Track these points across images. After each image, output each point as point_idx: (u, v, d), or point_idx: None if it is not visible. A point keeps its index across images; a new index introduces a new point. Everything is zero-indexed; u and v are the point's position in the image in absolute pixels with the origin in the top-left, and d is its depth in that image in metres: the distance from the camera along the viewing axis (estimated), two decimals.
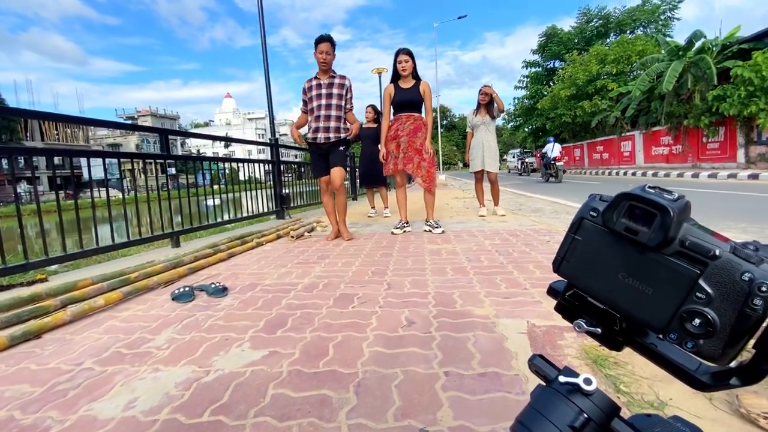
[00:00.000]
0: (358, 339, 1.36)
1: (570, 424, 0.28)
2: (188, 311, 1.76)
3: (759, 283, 0.26)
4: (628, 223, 0.31)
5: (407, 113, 3.57)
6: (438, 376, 1.09)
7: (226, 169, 4.74)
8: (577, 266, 0.35)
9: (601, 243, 0.33)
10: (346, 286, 2.01)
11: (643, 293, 0.31)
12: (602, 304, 0.34)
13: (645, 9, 24.12)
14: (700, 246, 0.28)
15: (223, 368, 1.20)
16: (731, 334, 0.27)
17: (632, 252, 0.31)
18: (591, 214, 0.34)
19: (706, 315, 0.27)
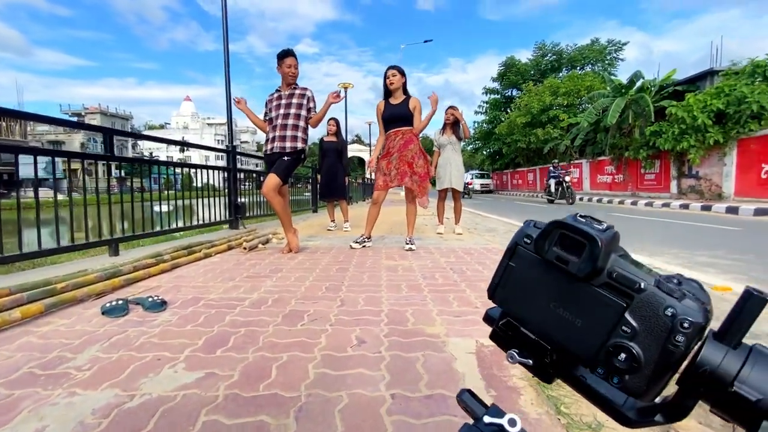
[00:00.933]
0: (305, 359, 1.30)
1: None
2: (119, 327, 1.61)
3: (681, 319, 0.25)
4: (560, 252, 0.30)
5: (395, 129, 3.55)
6: (384, 399, 1.06)
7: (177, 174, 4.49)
8: (511, 294, 0.34)
9: (534, 271, 0.32)
10: (297, 302, 1.93)
11: (573, 324, 0.30)
12: (534, 334, 0.33)
13: (594, 48, 26.21)
14: (626, 278, 0.28)
15: (150, 392, 1.10)
16: (655, 370, 0.26)
17: (563, 281, 0.30)
18: (525, 241, 0.33)
19: (631, 350, 0.27)
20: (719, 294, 2.43)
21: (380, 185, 3.59)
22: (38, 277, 2.26)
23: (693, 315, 0.25)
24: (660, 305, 0.26)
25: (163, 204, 3.98)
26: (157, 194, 3.97)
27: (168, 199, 4.06)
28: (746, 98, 9.84)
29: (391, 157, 3.54)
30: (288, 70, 3.25)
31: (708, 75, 13.23)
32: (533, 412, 1.00)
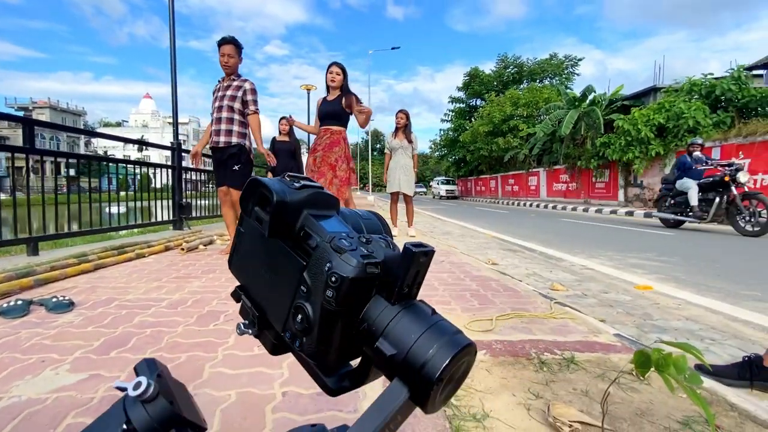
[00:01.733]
0: (204, 359, 1.24)
1: None
2: (12, 328, 1.48)
3: (330, 274, 0.24)
4: (258, 212, 0.29)
5: (326, 126, 3.50)
6: (274, 396, 1.02)
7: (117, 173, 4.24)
8: (240, 261, 0.32)
9: (252, 235, 0.31)
10: (218, 303, 1.86)
11: (273, 288, 0.29)
12: (250, 302, 0.31)
13: (552, 62, 27.49)
14: (307, 235, 0.27)
15: (20, 395, 1.01)
16: (319, 330, 0.25)
17: (265, 244, 0.29)
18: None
19: (305, 309, 0.26)
20: (640, 292, 2.58)
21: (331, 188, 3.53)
22: None
23: (341, 269, 0.24)
24: (324, 261, 0.25)
25: (103, 203, 3.74)
26: (91, 192, 3.73)
27: (109, 198, 3.82)
28: (683, 114, 10.61)
29: (316, 155, 3.52)
30: (222, 59, 3.01)
31: (652, 91, 14.18)
32: None
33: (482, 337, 1.48)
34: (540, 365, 1.27)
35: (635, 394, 1.12)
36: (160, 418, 0.23)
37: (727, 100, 10.65)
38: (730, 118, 10.50)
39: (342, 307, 0.24)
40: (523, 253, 4.10)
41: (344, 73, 3.48)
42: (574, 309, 1.92)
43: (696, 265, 3.59)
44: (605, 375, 1.22)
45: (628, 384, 1.17)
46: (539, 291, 2.29)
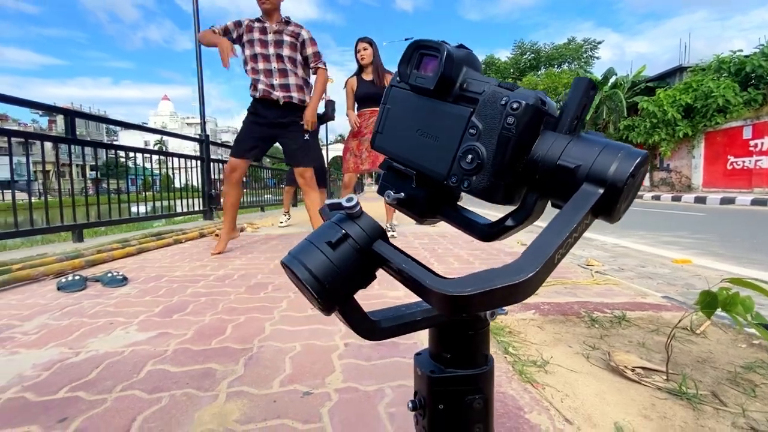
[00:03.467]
0: (262, 320, 1.29)
1: (327, 241, 0.26)
2: (74, 300, 1.56)
3: (512, 103, 0.26)
4: (419, 73, 0.31)
5: (372, 108, 3.22)
6: (337, 347, 1.06)
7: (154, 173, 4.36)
8: (388, 135, 0.35)
9: (404, 105, 0.33)
10: (263, 277, 1.92)
11: (433, 145, 0.31)
12: (402, 165, 0.33)
13: (570, 47, 26.83)
14: (474, 84, 0.29)
15: (97, 349, 1.07)
16: (494, 163, 0.27)
17: (424, 104, 0.31)
18: (397, 80, 0.34)
19: (476, 149, 0.28)
20: (679, 266, 2.53)
21: (351, 167, 3.31)
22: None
23: (522, 97, 0.26)
24: (498, 99, 0.27)
25: (136, 192, 3.88)
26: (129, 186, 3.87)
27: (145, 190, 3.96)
28: (712, 93, 10.23)
29: (362, 138, 3.27)
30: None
31: (677, 71, 13.70)
32: None
33: (528, 300, 1.49)
34: (591, 322, 1.27)
35: (693, 345, 1.12)
36: (370, 230, 0.27)
37: (758, 77, 10.20)
38: (761, 96, 10.06)
39: (520, 134, 0.26)
40: None
41: (373, 46, 3.21)
42: (615, 278, 1.90)
43: (733, 240, 3.48)
44: (660, 330, 1.21)
45: (684, 338, 1.16)
46: (577, 264, 2.27)
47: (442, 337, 0.32)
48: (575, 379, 0.91)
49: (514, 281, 0.22)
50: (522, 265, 0.22)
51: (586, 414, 0.77)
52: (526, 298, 0.23)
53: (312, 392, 0.83)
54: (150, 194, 4.15)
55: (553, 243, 0.23)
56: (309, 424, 0.72)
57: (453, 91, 0.30)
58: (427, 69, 0.30)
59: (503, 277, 0.22)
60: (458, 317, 0.31)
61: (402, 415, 0.75)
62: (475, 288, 0.22)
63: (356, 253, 0.27)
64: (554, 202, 0.28)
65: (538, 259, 0.22)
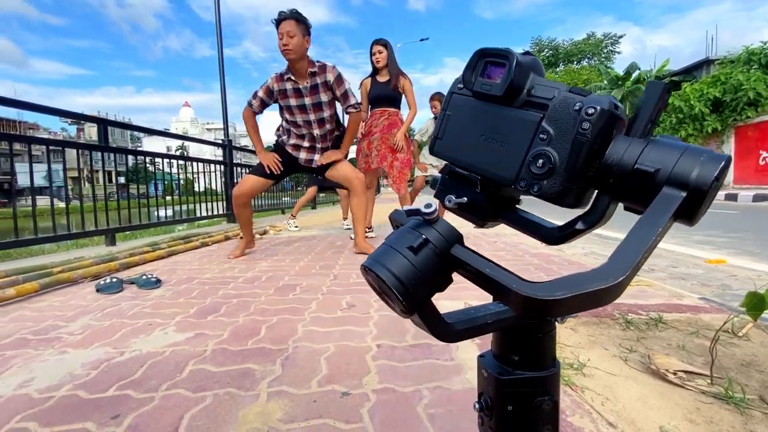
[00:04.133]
0: (294, 321, 1.31)
1: (408, 246, 0.27)
2: (112, 301, 1.63)
3: (587, 108, 0.27)
4: (484, 80, 0.32)
5: (381, 109, 3.26)
6: (370, 348, 1.07)
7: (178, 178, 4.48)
8: (449, 141, 0.35)
9: (466, 111, 0.34)
10: (290, 279, 1.95)
11: (498, 150, 0.31)
12: (465, 170, 0.34)
13: (589, 42, 26.26)
14: (543, 90, 0.30)
15: (140, 349, 1.11)
16: (567, 167, 0.28)
17: (489, 110, 0.32)
18: (458, 87, 0.35)
19: (548, 154, 0.28)
20: (713, 266, 2.44)
21: (363, 167, 3.31)
22: (33, 263, 2.28)
23: (596, 102, 0.27)
24: (570, 104, 0.28)
25: (163, 198, 4.01)
26: (162, 191, 4.00)
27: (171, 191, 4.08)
28: (742, 86, 9.84)
29: (372, 137, 3.27)
30: (280, 42, 2.28)
31: (704, 64, 13.24)
32: None
33: None
34: (626, 324, 1.24)
35: (736, 348, 1.08)
36: (448, 235, 0.28)
37: None
38: None
39: (595, 139, 0.27)
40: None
41: (388, 48, 3.20)
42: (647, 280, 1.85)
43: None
44: (699, 332, 1.18)
45: (726, 340, 1.13)
46: None
47: (511, 339, 0.32)
48: (615, 383, 0.89)
49: (605, 285, 0.22)
50: (612, 269, 0.22)
51: (629, 418, 0.76)
52: (613, 301, 0.23)
53: (350, 393, 0.84)
54: (176, 198, 4.28)
55: (641, 247, 0.23)
56: (350, 424, 0.73)
57: (520, 97, 0.30)
58: (493, 76, 0.31)
59: (594, 281, 0.22)
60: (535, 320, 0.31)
61: (442, 416, 0.75)
62: (566, 292, 0.22)
63: (436, 257, 0.27)
64: (628, 206, 0.28)
65: (627, 263, 0.22)
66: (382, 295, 0.29)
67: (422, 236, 0.27)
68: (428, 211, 0.28)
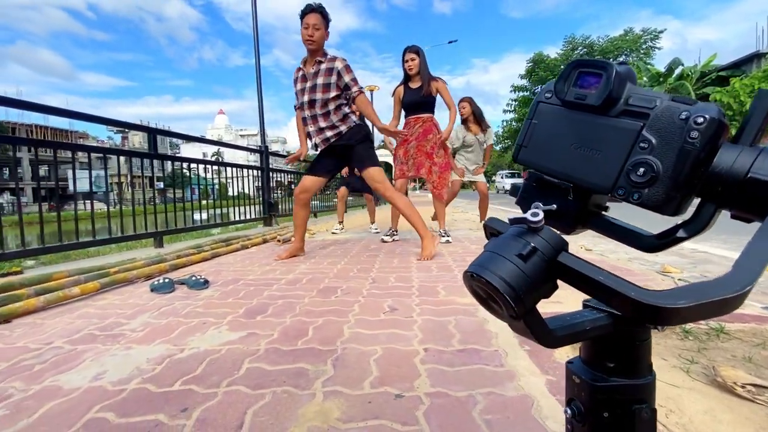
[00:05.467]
0: (339, 323, 1.34)
1: (517, 253, 0.28)
2: (167, 301, 1.72)
3: (695, 117, 0.27)
4: (578, 90, 0.32)
5: (416, 116, 3.26)
6: (417, 351, 1.08)
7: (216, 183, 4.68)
8: (535, 149, 0.36)
9: (555, 120, 0.34)
10: (330, 281, 1.99)
11: (593, 158, 0.32)
12: (557, 178, 0.35)
13: (627, 38, 25.22)
14: (643, 99, 0.30)
15: (198, 347, 1.17)
16: (672, 176, 0.28)
17: (582, 119, 0.32)
18: (546, 96, 0.36)
19: (650, 162, 0.28)
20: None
21: (397, 174, 3.34)
22: (92, 264, 2.44)
23: (704, 111, 0.27)
24: (676, 113, 0.28)
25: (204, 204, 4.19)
26: (198, 196, 4.19)
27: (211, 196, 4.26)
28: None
29: (408, 145, 3.28)
30: (305, 32, 2.44)
31: (754, 58, 12.41)
32: None
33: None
34: (684, 334, 1.19)
35: None
36: (554, 242, 0.29)
37: None
38: None
39: (703, 148, 0.27)
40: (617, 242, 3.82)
41: (420, 55, 3.19)
42: None
43: None
44: (766, 344, 1.11)
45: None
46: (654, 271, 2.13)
47: (606, 346, 0.32)
48: (678, 395, 0.86)
49: (730, 294, 0.22)
50: (737, 278, 0.23)
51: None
52: (735, 310, 0.23)
53: (403, 395, 0.85)
54: (215, 202, 4.46)
55: (764, 256, 0.23)
56: (408, 426, 0.74)
57: (617, 107, 0.31)
58: (588, 86, 0.32)
59: (719, 290, 0.22)
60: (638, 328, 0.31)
61: (499, 422, 0.75)
62: (690, 300, 0.23)
63: (544, 264, 0.28)
64: (736, 214, 0.28)
65: (752, 273, 0.22)
66: (486, 301, 0.30)
67: (530, 244, 0.28)
68: (535, 219, 0.29)
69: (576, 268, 0.28)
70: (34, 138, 13.59)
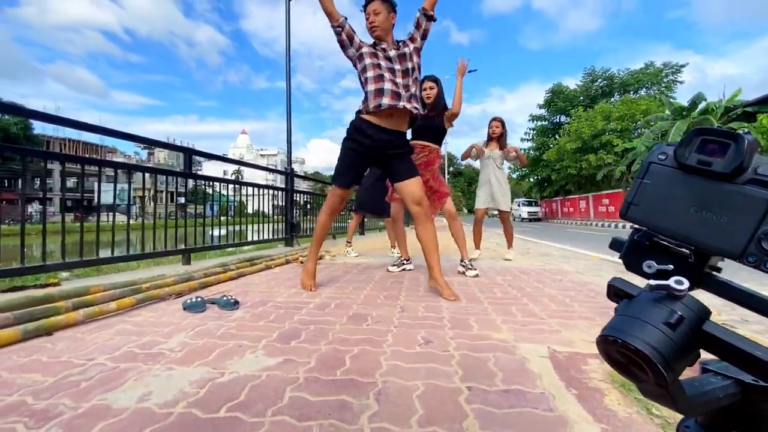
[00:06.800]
0: (375, 353, 1.33)
1: (664, 321, 0.28)
2: (200, 320, 1.73)
3: None
4: (701, 157, 0.33)
5: (423, 143, 3.18)
6: (461, 390, 1.06)
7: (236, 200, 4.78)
8: (647, 208, 0.37)
9: (671, 182, 0.35)
10: (358, 307, 1.98)
11: (718, 223, 0.32)
12: (674, 239, 0.35)
13: (648, 72, 25.27)
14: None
15: (238, 371, 1.17)
16: None
17: (705, 185, 0.33)
18: (659, 158, 0.37)
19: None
20: None
21: (394, 195, 3.30)
22: (124, 279, 2.50)
23: None
24: None
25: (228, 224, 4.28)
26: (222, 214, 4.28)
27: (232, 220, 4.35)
28: None
29: None
30: (367, 21, 2.32)
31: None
32: (622, 411, 0.96)
33: None
34: None
35: None
36: (699, 311, 0.29)
37: None
38: None
39: None
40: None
41: (438, 84, 3.19)
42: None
43: None
44: None
45: None
46: None
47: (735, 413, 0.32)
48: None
49: None
50: None
51: None
52: None
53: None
54: (238, 220, 4.55)
55: None
56: None
57: (745, 175, 0.31)
58: (713, 154, 0.33)
59: None
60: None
61: None
62: None
63: (691, 332, 0.28)
64: None
65: None
66: (623, 366, 0.30)
67: (677, 312, 0.29)
68: (680, 287, 0.29)
69: (725, 338, 0.28)
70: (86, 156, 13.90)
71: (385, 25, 2.32)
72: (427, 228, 2.37)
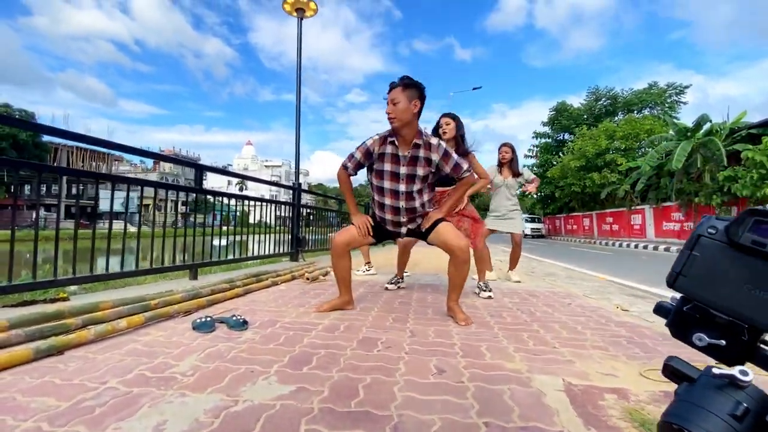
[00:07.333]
0: (388, 383, 1.31)
1: (730, 413, 0.28)
2: (210, 341, 1.73)
3: None
4: (756, 237, 0.34)
5: (443, 189, 2.95)
6: (478, 426, 1.04)
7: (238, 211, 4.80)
8: (696, 280, 0.37)
9: (722, 257, 0.36)
10: (367, 330, 1.97)
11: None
12: (728, 315, 0.35)
13: (651, 92, 25.47)
14: None
15: (252, 399, 1.16)
16: None
17: (759, 264, 0.34)
18: (709, 231, 0.37)
19: None
20: None
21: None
22: (133, 294, 2.50)
23: None
24: None
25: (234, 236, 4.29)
26: (226, 229, 4.30)
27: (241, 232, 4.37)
28: None
29: None
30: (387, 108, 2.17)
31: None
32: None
33: (667, 387, 1.35)
34: None
35: None
36: (763, 402, 0.29)
37: None
38: None
39: None
40: (654, 300, 3.69)
41: (456, 120, 3.09)
42: None
43: None
44: None
45: None
46: None
47: None
48: None
49: None
50: None
51: None
52: None
53: None
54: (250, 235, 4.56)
55: None
56: None
57: None
58: (767, 234, 0.33)
59: None
60: None
61: None
62: None
63: (756, 424, 0.28)
64: None
65: None
66: None
67: (743, 404, 0.29)
68: (745, 379, 0.29)
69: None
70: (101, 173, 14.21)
71: (404, 117, 2.14)
72: (460, 270, 2.27)
